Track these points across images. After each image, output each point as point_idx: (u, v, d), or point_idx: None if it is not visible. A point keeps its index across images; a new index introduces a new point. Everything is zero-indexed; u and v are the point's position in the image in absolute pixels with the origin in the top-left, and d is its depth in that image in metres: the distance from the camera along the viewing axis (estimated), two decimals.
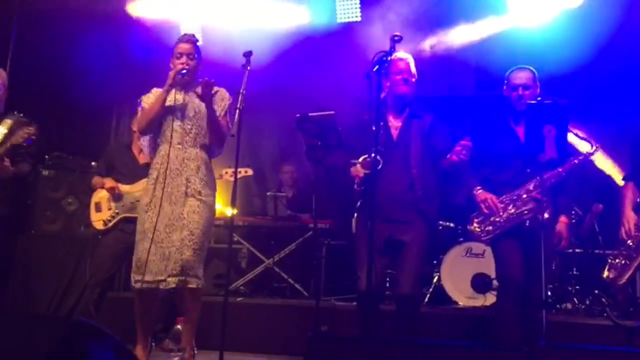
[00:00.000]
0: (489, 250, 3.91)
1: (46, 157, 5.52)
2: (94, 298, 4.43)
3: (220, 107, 3.53)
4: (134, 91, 6.35)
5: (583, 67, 5.36)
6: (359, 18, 6.31)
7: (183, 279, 3.31)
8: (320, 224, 5.68)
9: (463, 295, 5.07)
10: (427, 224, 3.48)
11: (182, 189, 3.40)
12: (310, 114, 3.27)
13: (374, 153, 3.07)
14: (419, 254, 3.42)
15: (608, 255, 3.47)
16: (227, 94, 3.58)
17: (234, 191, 3.36)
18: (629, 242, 3.24)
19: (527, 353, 1.89)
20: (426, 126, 3.54)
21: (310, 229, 5.66)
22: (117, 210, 4.46)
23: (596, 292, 4.85)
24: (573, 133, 3.33)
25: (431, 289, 5.29)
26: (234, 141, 3.38)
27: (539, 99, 2.98)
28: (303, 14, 6.41)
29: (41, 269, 5.36)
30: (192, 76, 3.53)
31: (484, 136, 3.54)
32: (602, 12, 5.40)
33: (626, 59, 5.59)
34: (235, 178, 3.42)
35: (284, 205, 6.07)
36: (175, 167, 3.43)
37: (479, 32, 5.99)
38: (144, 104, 3.56)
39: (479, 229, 3.45)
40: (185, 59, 3.49)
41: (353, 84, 4.37)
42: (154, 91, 3.57)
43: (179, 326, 2.81)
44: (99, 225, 4.51)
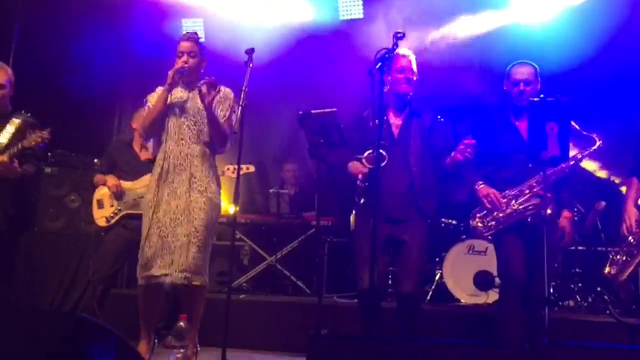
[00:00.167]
0: (491, 247, 3.91)
1: (49, 154, 5.53)
2: (97, 295, 4.44)
3: (225, 106, 3.52)
4: (136, 88, 6.40)
5: (585, 64, 5.35)
6: (361, 15, 6.32)
7: (188, 276, 3.32)
8: (323, 221, 5.68)
9: (465, 293, 5.07)
10: (426, 221, 3.49)
11: (187, 185, 3.41)
12: (312, 111, 3.27)
13: (378, 148, 3.07)
14: (419, 252, 3.42)
15: (610, 252, 3.45)
16: (231, 93, 3.57)
17: (237, 188, 3.37)
18: (630, 238, 3.23)
19: (530, 351, 1.89)
20: (426, 124, 3.55)
21: (313, 227, 5.66)
22: (119, 207, 4.46)
23: (599, 289, 4.85)
24: (576, 128, 3.31)
25: (433, 287, 5.28)
26: (236, 138, 3.39)
27: (542, 96, 2.97)
28: (306, 11, 6.41)
29: (44, 266, 5.37)
30: (196, 73, 3.53)
31: (485, 133, 3.53)
32: (604, 10, 5.40)
33: (628, 56, 5.57)
34: (237, 175, 3.42)
35: (286, 203, 6.07)
36: (179, 162, 3.44)
37: (480, 28, 5.99)
38: (149, 103, 3.57)
39: (481, 225, 3.45)
40: (186, 57, 3.49)
41: (355, 81, 4.37)
42: (159, 90, 3.57)
43: (181, 323, 2.81)
44: (102, 222, 4.52)
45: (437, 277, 5.31)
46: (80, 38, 5.88)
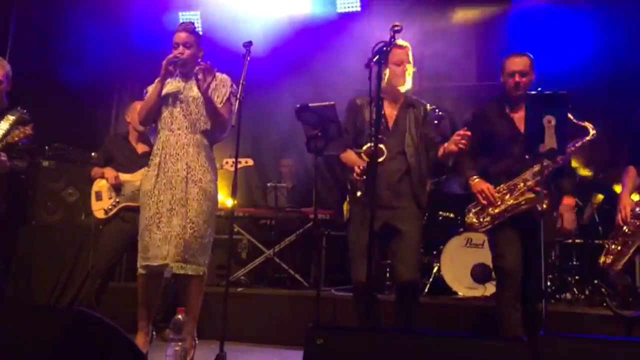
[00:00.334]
0: None
1: (46, 148, 5.52)
2: (96, 288, 4.45)
3: (222, 93, 3.53)
4: (134, 82, 6.40)
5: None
6: (358, 8, 6.30)
7: (184, 266, 3.34)
8: (321, 214, 5.69)
9: (463, 286, 5.09)
10: (421, 210, 3.50)
11: (183, 174, 3.41)
12: (310, 104, 3.26)
13: (377, 143, 3.06)
14: (416, 240, 3.43)
15: (606, 242, 3.43)
16: (228, 80, 3.58)
17: (235, 181, 3.37)
18: (625, 228, 3.22)
19: (527, 343, 1.90)
20: (421, 115, 3.55)
21: (311, 220, 5.67)
22: (117, 199, 4.46)
23: (596, 282, 4.86)
24: (570, 118, 3.29)
25: (431, 280, 5.30)
26: (234, 131, 3.39)
27: (539, 90, 2.96)
28: (304, 4, 6.39)
29: (42, 259, 5.37)
30: (193, 64, 3.53)
31: (482, 125, 3.52)
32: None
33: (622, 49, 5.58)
34: (235, 168, 3.43)
35: (285, 196, 6.08)
36: (175, 152, 3.44)
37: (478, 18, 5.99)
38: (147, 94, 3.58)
39: (476, 220, 3.44)
40: (181, 48, 3.49)
41: (354, 74, 4.36)
42: (156, 82, 3.57)
43: (179, 316, 2.81)
44: (100, 214, 4.52)
45: (434, 270, 5.33)
46: (78, 31, 5.86)
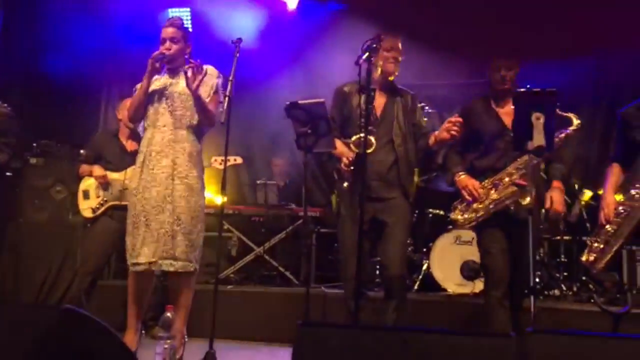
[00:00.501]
0: None
1: (34, 145, 5.48)
2: (84, 286, 4.43)
3: (209, 86, 3.51)
4: (123, 79, 6.36)
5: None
6: (347, 5, 6.31)
7: (174, 263, 3.33)
8: (310, 212, 5.69)
9: (452, 283, 5.10)
10: (409, 201, 3.49)
11: (168, 171, 3.39)
12: (299, 101, 3.25)
13: (366, 134, 3.06)
14: (403, 235, 3.44)
15: (589, 240, 3.40)
16: (215, 71, 3.57)
17: (224, 179, 3.36)
18: (607, 227, 3.19)
19: (515, 339, 1.91)
20: (409, 103, 3.56)
21: (300, 217, 5.67)
22: (105, 198, 4.44)
23: (584, 278, 4.90)
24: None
25: (420, 277, 5.31)
26: (224, 129, 3.37)
27: (528, 87, 2.97)
28: (293, 1, 6.38)
29: (30, 257, 5.33)
30: (180, 60, 3.51)
31: (468, 120, 3.50)
32: None
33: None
34: (224, 166, 3.42)
35: (274, 194, 6.07)
36: (160, 149, 3.42)
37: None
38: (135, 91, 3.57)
39: (461, 217, 3.44)
40: (168, 43, 3.47)
41: (343, 71, 4.36)
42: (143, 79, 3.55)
43: (168, 314, 2.80)
44: (87, 213, 4.49)
45: (424, 268, 5.34)
46: (67, 29, 5.81)
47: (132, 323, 3.45)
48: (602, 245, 3.18)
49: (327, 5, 6.43)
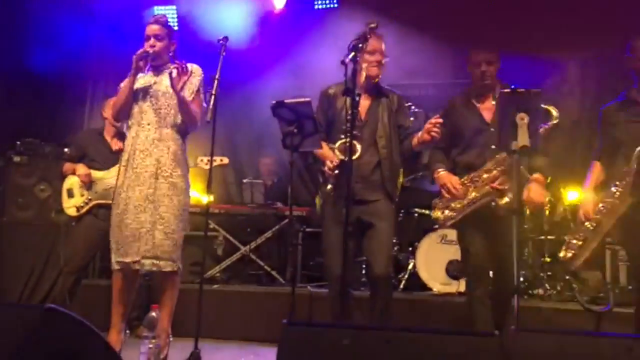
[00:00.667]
0: None
1: (18, 143, 5.43)
2: (68, 285, 4.40)
3: (193, 85, 3.49)
4: (108, 76, 6.32)
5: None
6: (336, 4, 6.32)
7: (157, 262, 3.32)
8: (297, 211, 5.69)
9: (438, 282, 5.13)
10: (393, 203, 3.48)
11: (152, 170, 3.37)
12: (285, 100, 3.24)
13: (351, 139, 3.05)
14: (388, 235, 3.42)
15: (568, 236, 3.39)
16: (199, 70, 3.55)
17: (209, 178, 3.35)
18: (587, 224, 3.19)
19: (498, 338, 1.92)
20: (394, 104, 3.53)
21: (287, 217, 5.66)
22: (89, 197, 4.41)
23: (567, 277, 4.94)
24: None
25: (406, 276, 5.33)
26: (209, 128, 3.36)
27: (513, 87, 2.99)
28: (280, 0, 6.38)
29: (14, 256, 5.28)
30: (164, 56, 3.50)
31: (450, 117, 3.52)
32: None
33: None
34: (210, 165, 3.41)
35: (261, 193, 6.07)
36: (145, 147, 3.40)
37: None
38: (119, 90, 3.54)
39: (440, 215, 3.42)
40: (153, 40, 3.46)
41: (330, 70, 4.36)
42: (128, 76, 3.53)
43: (153, 313, 2.79)
44: (72, 212, 4.46)
45: (410, 267, 5.36)
46: (52, 26, 5.77)
47: (116, 323, 3.43)
48: (580, 242, 3.18)
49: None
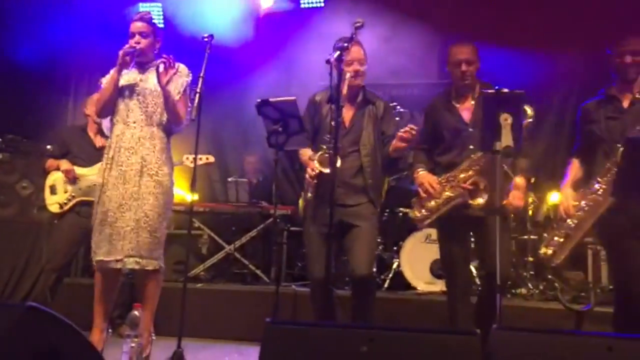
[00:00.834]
0: None
1: None
2: (50, 284, 4.36)
3: (179, 84, 3.47)
4: (91, 73, 6.26)
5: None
6: (322, 3, 6.32)
7: (139, 261, 3.29)
8: (282, 210, 5.68)
9: (422, 281, 5.15)
10: (376, 208, 3.47)
11: (137, 168, 3.35)
12: (270, 99, 3.24)
13: (332, 150, 3.03)
14: (370, 236, 3.41)
15: (548, 233, 3.34)
16: (186, 70, 3.53)
17: (194, 176, 3.34)
18: (569, 221, 3.16)
19: (479, 336, 1.94)
20: (379, 112, 3.51)
21: (271, 216, 5.66)
22: (73, 193, 4.37)
23: (550, 277, 4.99)
24: None
25: (391, 275, 5.35)
26: (194, 126, 3.35)
27: (497, 88, 2.99)
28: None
29: None
30: (149, 54, 3.48)
31: (431, 117, 3.53)
32: None
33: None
34: (194, 163, 3.40)
35: (246, 192, 6.05)
36: (130, 145, 3.38)
37: None
38: (103, 86, 3.50)
39: (418, 214, 3.41)
40: (137, 37, 3.43)
41: (316, 70, 4.37)
42: (112, 72, 3.50)
43: (136, 312, 2.77)
44: (55, 209, 4.42)
45: (394, 266, 5.38)
46: (33, 21, 5.71)
47: (99, 322, 3.40)
48: (562, 239, 3.16)
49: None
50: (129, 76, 3.47)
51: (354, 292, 3.48)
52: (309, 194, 3.40)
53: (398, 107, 5.32)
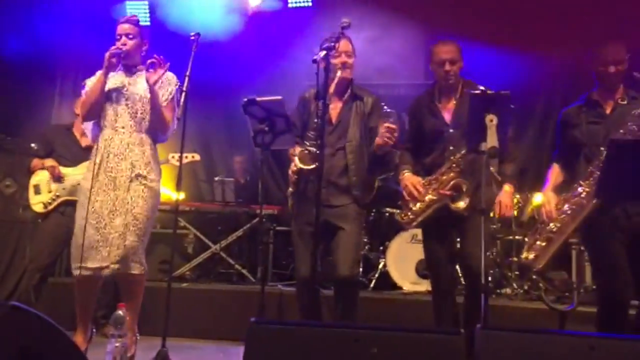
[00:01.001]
0: None
1: None
2: (34, 283, 4.32)
3: (167, 91, 3.45)
4: (77, 72, 6.22)
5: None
6: (309, 3, 6.32)
7: (126, 265, 3.26)
8: (268, 209, 5.68)
9: (407, 281, 5.17)
10: (361, 209, 3.44)
11: (127, 174, 3.32)
12: (257, 98, 3.23)
13: (315, 148, 3.01)
14: (354, 237, 3.37)
15: (529, 237, 3.34)
16: (174, 78, 3.49)
17: (179, 175, 3.31)
18: (551, 225, 3.16)
19: (463, 336, 1.95)
20: (367, 107, 3.46)
21: (258, 215, 5.65)
22: (57, 193, 4.34)
23: (534, 277, 5.02)
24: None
25: (377, 275, 5.37)
26: (180, 125, 3.33)
27: (482, 89, 3.00)
28: None
29: None
30: (136, 57, 3.45)
31: (416, 117, 3.52)
32: None
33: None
34: (180, 162, 3.38)
35: (232, 191, 6.04)
36: (119, 151, 3.34)
37: None
38: (87, 87, 3.46)
39: (404, 217, 3.41)
40: (124, 39, 3.41)
41: (303, 69, 4.36)
42: (98, 74, 3.46)
43: (120, 312, 2.76)
44: (39, 208, 4.38)
45: (380, 266, 5.39)
46: (18, 18, 5.65)
47: (82, 323, 3.36)
48: (544, 243, 3.16)
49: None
50: (115, 79, 3.43)
51: (337, 293, 3.44)
52: (290, 189, 3.39)
53: (385, 107, 5.32)
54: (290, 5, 6.41)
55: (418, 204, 3.36)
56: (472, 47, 3.79)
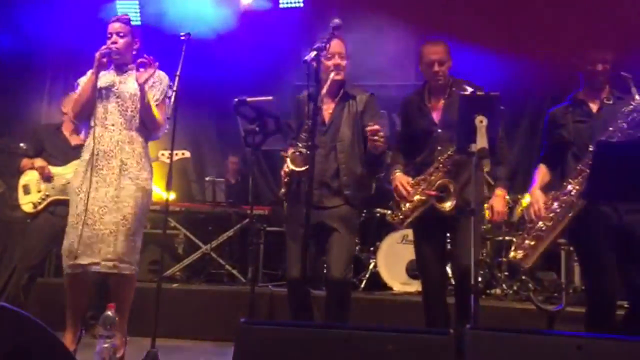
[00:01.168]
0: None
1: None
2: (23, 283, 4.30)
3: (158, 91, 3.44)
4: (67, 71, 6.19)
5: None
6: (301, 4, 6.32)
7: (117, 264, 3.24)
8: (259, 210, 5.67)
9: (398, 282, 5.18)
10: (355, 210, 3.44)
11: (117, 172, 3.31)
12: (247, 99, 3.23)
13: (306, 149, 3.01)
14: (347, 239, 3.36)
15: (518, 236, 3.38)
16: (165, 77, 3.49)
17: (170, 173, 3.31)
18: (540, 224, 3.16)
19: (453, 336, 1.96)
20: (360, 106, 3.44)
21: (248, 216, 5.64)
22: (47, 193, 4.31)
23: (523, 277, 5.05)
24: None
25: (367, 275, 5.37)
26: (170, 124, 3.33)
27: (472, 90, 3.01)
28: None
29: None
30: (127, 55, 3.44)
31: (406, 117, 3.53)
32: None
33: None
34: (170, 160, 3.37)
35: (222, 191, 6.03)
36: (109, 149, 3.33)
37: None
38: (80, 87, 3.45)
39: (395, 217, 3.41)
40: (115, 37, 3.40)
41: (294, 70, 4.37)
42: (89, 73, 3.45)
43: (109, 312, 2.75)
44: (28, 208, 4.36)
45: (371, 266, 5.40)
46: (8, 16, 5.62)
47: (71, 323, 3.34)
48: (532, 242, 3.16)
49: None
50: (106, 78, 3.42)
51: (329, 295, 3.43)
52: (282, 190, 3.39)
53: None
54: (281, 5, 6.41)
55: (407, 204, 3.36)
56: (463, 49, 3.79)
